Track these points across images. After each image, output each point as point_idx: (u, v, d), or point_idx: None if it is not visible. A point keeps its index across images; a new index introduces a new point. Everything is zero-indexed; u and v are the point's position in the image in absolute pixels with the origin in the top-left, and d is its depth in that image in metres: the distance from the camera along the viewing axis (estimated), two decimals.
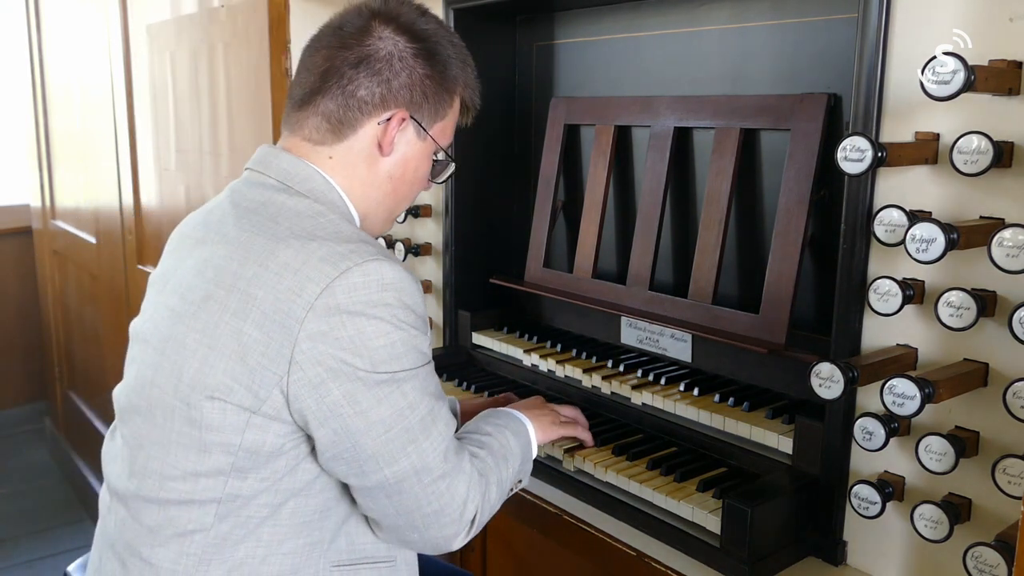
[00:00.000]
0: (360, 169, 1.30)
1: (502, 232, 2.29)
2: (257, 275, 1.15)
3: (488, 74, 2.18)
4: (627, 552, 1.50)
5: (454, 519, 1.23)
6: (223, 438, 1.16)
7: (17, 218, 4.94)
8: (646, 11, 1.91)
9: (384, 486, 1.19)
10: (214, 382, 1.15)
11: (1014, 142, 1.18)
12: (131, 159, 3.47)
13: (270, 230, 1.19)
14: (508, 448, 1.38)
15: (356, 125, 1.28)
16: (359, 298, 1.13)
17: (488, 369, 2.15)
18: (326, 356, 1.12)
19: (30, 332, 5.00)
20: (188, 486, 1.19)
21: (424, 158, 1.36)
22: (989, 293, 1.21)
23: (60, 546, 3.76)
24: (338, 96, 1.27)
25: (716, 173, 1.72)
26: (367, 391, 1.14)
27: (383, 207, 1.36)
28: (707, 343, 1.78)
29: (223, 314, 1.16)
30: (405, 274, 1.19)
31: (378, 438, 1.16)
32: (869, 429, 1.27)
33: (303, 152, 1.30)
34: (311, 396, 1.14)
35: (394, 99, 1.28)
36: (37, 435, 5.02)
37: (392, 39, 1.27)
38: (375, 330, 1.14)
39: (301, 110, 1.30)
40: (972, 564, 1.16)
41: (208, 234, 1.26)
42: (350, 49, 1.26)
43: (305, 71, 1.30)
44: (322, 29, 1.32)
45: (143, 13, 3.25)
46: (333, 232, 1.19)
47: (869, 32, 1.30)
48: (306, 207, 1.23)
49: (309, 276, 1.13)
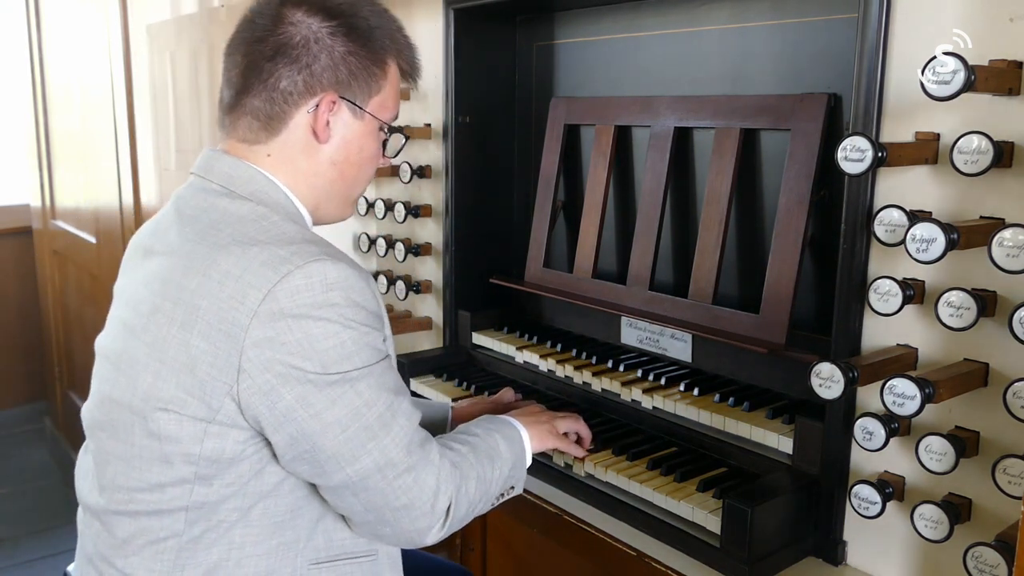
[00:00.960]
0: (300, 161, 1.28)
1: (502, 232, 2.29)
2: (200, 285, 1.14)
3: (488, 74, 2.20)
4: (627, 552, 1.50)
5: (425, 512, 1.21)
6: (182, 448, 1.16)
7: (17, 218, 4.94)
8: (646, 11, 1.91)
9: (348, 484, 1.17)
10: (167, 395, 1.15)
11: (1014, 142, 1.18)
12: (131, 159, 3.47)
13: (211, 238, 1.17)
14: (495, 450, 1.37)
15: (286, 118, 1.25)
16: (302, 300, 1.11)
17: (488, 369, 2.15)
18: (274, 362, 1.11)
19: (30, 332, 5.00)
20: (156, 496, 1.18)
21: (367, 136, 1.31)
22: (989, 293, 1.21)
23: (60, 546, 3.76)
24: (262, 92, 1.24)
25: (716, 173, 1.72)
26: (319, 393, 1.13)
27: (334, 194, 1.33)
28: (707, 343, 1.78)
29: (171, 327, 1.15)
30: (351, 271, 1.16)
31: (336, 438, 1.15)
32: (869, 429, 1.27)
33: (241, 153, 1.27)
34: (263, 403, 1.13)
35: (318, 83, 1.24)
36: (37, 435, 5.02)
37: (305, 22, 1.23)
38: (322, 331, 1.12)
39: (231, 113, 1.28)
40: (972, 564, 1.16)
41: (155, 244, 1.25)
42: (264, 41, 1.23)
43: (227, 72, 1.28)
44: (237, 25, 1.29)
45: (143, 13, 3.25)
46: (276, 235, 1.17)
47: (869, 32, 1.30)
48: (248, 211, 1.21)
49: (251, 283, 1.11)
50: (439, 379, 2.11)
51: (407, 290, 2.32)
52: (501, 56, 2.22)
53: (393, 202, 2.33)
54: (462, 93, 2.14)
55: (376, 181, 2.48)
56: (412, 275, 2.38)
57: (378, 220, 2.45)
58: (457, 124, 2.14)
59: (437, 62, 2.16)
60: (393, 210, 2.33)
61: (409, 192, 2.36)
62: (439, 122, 2.21)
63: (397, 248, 2.32)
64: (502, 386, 2.01)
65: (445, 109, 2.16)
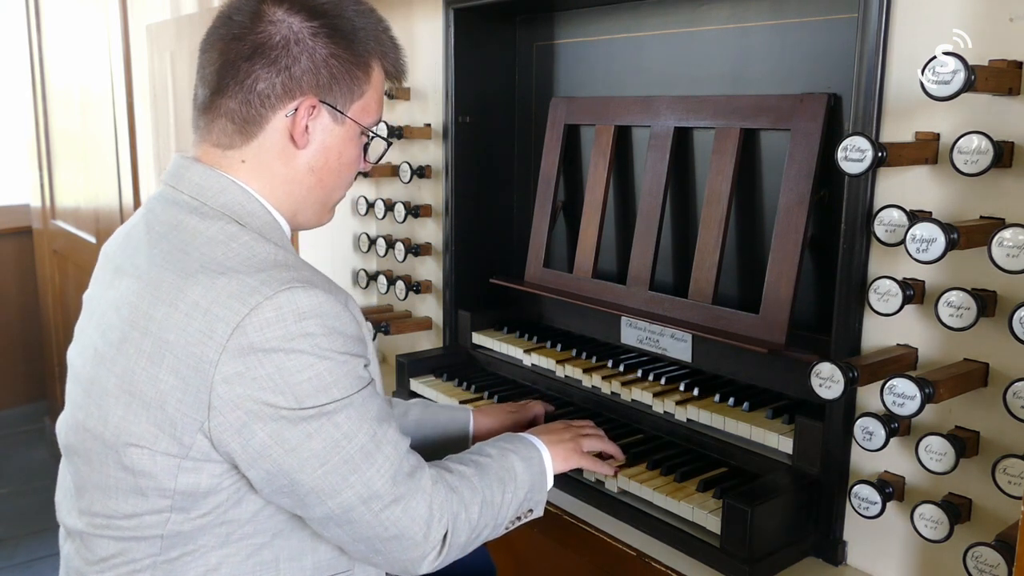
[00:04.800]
0: (277, 168, 1.22)
1: (502, 232, 2.29)
2: (167, 316, 1.09)
3: (488, 74, 2.20)
4: (627, 552, 1.50)
5: (417, 542, 1.17)
6: (156, 483, 1.12)
7: (17, 218, 4.93)
8: (646, 11, 1.91)
9: (332, 517, 1.14)
10: (139, 431, 1.11)
11: (1014, 142, 1.18)
12: (131, 159, 3.47)
13: (179, 263, 1.12)
14: (509, 472, 1.32)
15: (262, 122, 1.19)
16: (273, 334, 1.06)
17: (488, 369, 2.15)
18: (244, 399, 1.07)
19: (30, 332, 5.00)
20: (134, 523, 1.15)
21: (347, 142, 1.25)
22: (989, 293, 1.21)
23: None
24: (238, 93, 1.17)
25: (716, 173, 1.72)
26: (294, 428, 1.08)
27: (312, 200, 1.27)
28: (707, 343, 1.78)
29: (139, 359, 1.10)
30: (325, 296, 1.11)
31: (313, 472, 1.10)
32: (869, 429, 1.27)
33: (214, 160, 1.22)
34: (235, 440, 1.08)
35: (298, 87, 1.17)
36: (37, 435, 5.02)
37: (286, 21, 1.17)
38: (296, 364, 1.07)
39: (206, 113, 1.22)
40: (972, 564, 1.16)
41: (124, 263, 1.20)
42: (242, 40, 1.16)
43: (202, 69, 1.21)
44: (214, 20, 1.21)
45: (143, 13, 3.25)
46: (245, 259, 1.12)
47: (869, 32, 1.30)
48: (218, 231, 1.15)
49: (218, 315, 1.06)
50: (439, 379, 2.11)
51: (407, 290, 2.32)
52: (501, 56, 2.22)
53: (393, 202, 2.33)
54: (462, 93, 2.14)
55: (376, 181, 2.48)
56: (412, 275, 2.38)
57: (378, 220, 2.45)
58: (457, 124, 2.14)
59: (437, 62, 2.16)
60: (393, 210, 2.33)
61: (409, 192, 2.36)
62: (439, 122, 2.21)
63: (397, 248, 2.32)
64: (502, 386, 2.02)
65: (445, 109, 2.16)
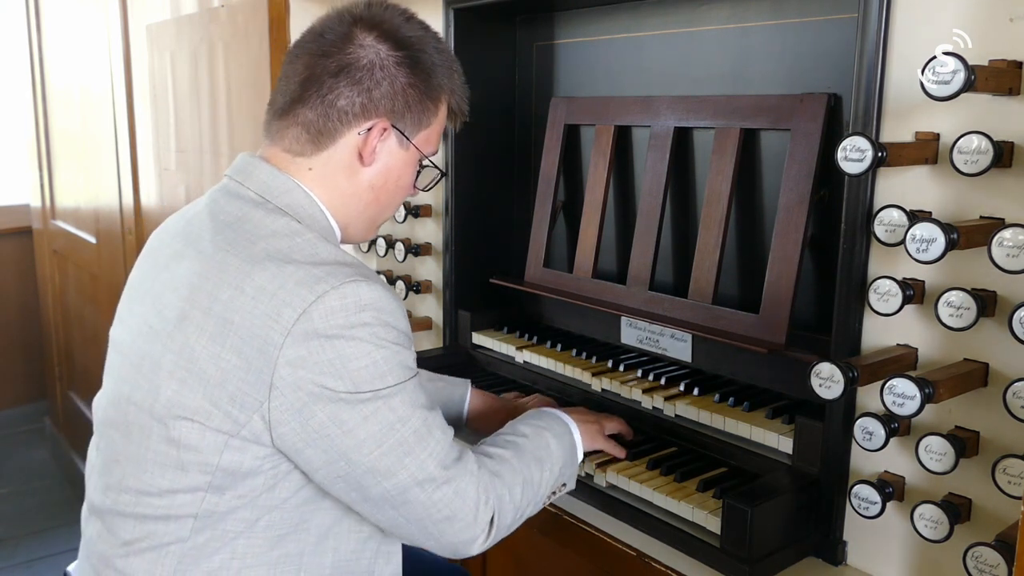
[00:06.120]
0: (340, 180, 1.29)
1: (502, 232, 2.29)
2: (233, 298, 1.14)
3: (488, 74, 2.20)
4: (627, 552, 1.50)
5: (468, 523, 1.22)
6: (201, 458, 1.16)
7: (17, 218, 4.94)
8: (646, 11, 1.91)
9: (388, 498, 1.18)
10: (193, 405, 1.15)
11: (1014, 142, 1.18)
12: (131, 159, 3.47)
13: (246, 250, 1.18)
14: (545, 449, 1.38)
15: (336, 135, 1.26)
16: (337, 321, 1.12)
17: (488, 369, 2.15)
18: (306, 381, 1.12)
19: (30, 332, 5.00)
20: (166, 502, 1.18)
21: (407, 167, 1.34)
22: (989, 293, 1.21)
23: (60, 546, 3.76)
24: (318, 106, 1.25)
25: (716, 173, 1.72)
26: (351, 410, 1.14)
27: (365, 216, 1.35)
28: (707, 343, 1.78)
29: (200, 337, 1.15)
30: (383, 292, 1.18)
31: (371, 453, 1.16)
32: (869, 429, 1.27)
33: (283, 163, 1.28)
34: (295, 420, 1.13)
35: (375, 109, 1.26)
36: (37, 435, 5.02)
37: (374, 47, 1.25)
38: (355, 351, 1.13)
39: (282, 119, 1.28)
40: (972, 564, 1.16)
41: (186, 248, 1.25)
42: (330, 57, 1.24)
43: (286, 79, 1.28)
44: (304, 35, 1.30)
45: (143, 13, 3.25)
46: (309, 254, 1.18)
47: (869, 32, 1.30)
48: (283, 226, 1.22)
49: (285, 300, 1.12)
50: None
51: (407, 290, 2.32)
52: (501, 56, 2.22)
53: None
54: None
55: None
56: (412, 275, 2.38)
57: None
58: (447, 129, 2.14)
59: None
60: None
61: None
62: None
63: (397, 248, 2.32)
64: (502, 386, 2.02)
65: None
